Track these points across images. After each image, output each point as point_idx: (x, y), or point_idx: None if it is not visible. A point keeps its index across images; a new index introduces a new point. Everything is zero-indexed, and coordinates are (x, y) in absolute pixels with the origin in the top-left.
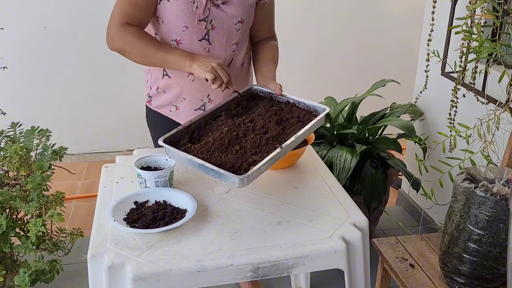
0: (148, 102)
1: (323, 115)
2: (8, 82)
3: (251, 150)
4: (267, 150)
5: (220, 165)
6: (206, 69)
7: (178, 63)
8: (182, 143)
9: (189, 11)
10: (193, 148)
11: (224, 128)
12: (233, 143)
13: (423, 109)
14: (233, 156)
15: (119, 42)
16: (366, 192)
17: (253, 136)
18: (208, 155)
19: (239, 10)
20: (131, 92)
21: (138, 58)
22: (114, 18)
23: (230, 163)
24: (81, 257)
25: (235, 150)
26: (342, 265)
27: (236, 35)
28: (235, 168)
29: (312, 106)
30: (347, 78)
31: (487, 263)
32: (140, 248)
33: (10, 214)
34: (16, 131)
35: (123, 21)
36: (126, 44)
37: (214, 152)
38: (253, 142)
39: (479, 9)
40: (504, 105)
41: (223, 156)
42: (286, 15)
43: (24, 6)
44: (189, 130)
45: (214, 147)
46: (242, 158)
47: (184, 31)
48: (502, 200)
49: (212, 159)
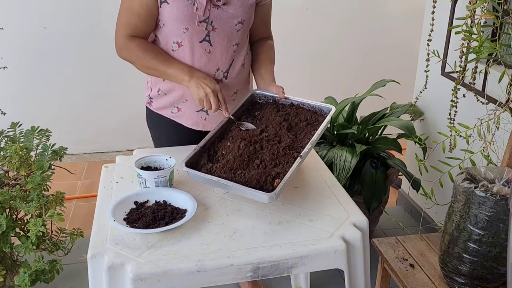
0: (148, 103)
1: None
2: (8, 82)
3: (271, 163)
4: (286, 160)
5: (246, 182)
6: (200, 94)
7: (178, 78)
8: (202, 163)
9: (189, 13)
10: (215, 168)
11: (240, 143)
12: (252, 158)
13: (423, 109)
14: (256, 172)
15: (125, 53)
16: (366, 192)
17: (270, 147)
18: (232, 173)
19: (239, 10)
20: (131, 92)
21: (143, 69)
22: (119, 29)
23: (255, 179)
24: (81, 257)
25: (256, 165)
26: (342, 265)
27: (236, 35)
28: (260, 183)
29: (317, 106)
30: (347, 78)
31: (487, 263)
32: (140, 248)
33: (10, 214)
34: (16, 131)
35: (128, 33)
36: (132, 56)
37: (236, 170)
38: (271, 153)
39: (479, 9)
40: (504, 105)
41: (246, 173)
42: (286, 15)
43: (24, 6)
44: (205, 148)
45: (236, 165)
46: (265, 173)
47: (185, 33)
48: (502, 200)
49: (237, 178)
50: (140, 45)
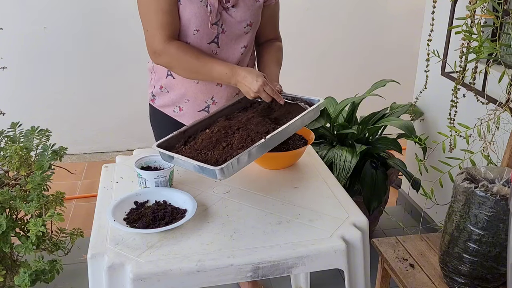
0: (151, 100)
1: (314, 107)
2: (8, 82)
3: (238, 145)
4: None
5: (205, 161)
6: (254, 90)
7: (223, 80)
8: (177, 146)
9: (202, 15)
10: (184, 149)
11: (215, 128)
12: (220, 141)
13: (423, 109)
14: (219, 152)
15: (165, 58)
16: (366, 192)
17: (242, 132)
18: (196, 153)
19: (247, 13)
20: (131, 92)
21: (185, 73)
22: (154, 34)
23: (215, 158)
24: (81, 257)
25: (222, 147)
26: (342, 265)
27: (245, 38)
28: (219, 162)
29: (309, 100)
30: (347, 78)
31: (487, 263)
32: (140, 248)
33: (10, 214)
34: (16, 131)
35: (165, 34)
36: (172, 61)
37: (202, 150)
38: (241, 138)
39: (479, 9)
40: (504, 105)
41: (209, 154)
42: (286, 15)
43: (24, 6)
44: (186, 135)
45: (202, 146)
46: (226, 153)
47: (195, 34)
48: (502, 200)
49: (199, 157)
50: (180, 48)
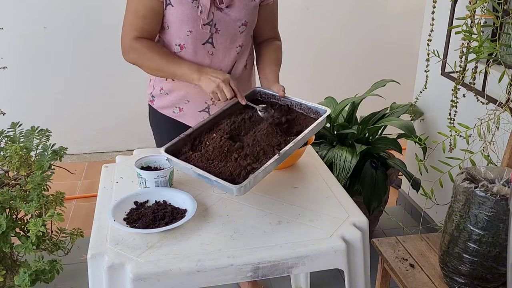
0: (150, 101)
1: (323, 119)
2: (8, 82)
3: (251, 157)
4: (266, 157)
5: (219, 174)
6: (211, 87)
7: (187, 77)
8: (184, 151)
9: (193, 15)
10: (194, 156)
11: (225, 135)
12: (231, 151)
13: (423, 109)
14: (231, 164)
15: (132, 55)
16: (366, 192)
17: (252, 143)
18: (208, 163)
19: (242, 13)
20: (131, 92)
21: (150, 71)
22: (126, 32)
23: (229, 171)
24: (81, 257)
25: (234, 158)
26: (342, 265)
27: (240, 37)
28: (233, 176)
29: (314, 108)
30: (347, 78)
31: (487, 263)
32: (140, 248)
33: (10, 214)
34: (16, 131)
35: (134, 35)
36: (138, 58)
37: (214, 160)
38: (252, 150)
39: (479, 9)
40: (504, 105)
41: (222, 165)
42: (286, 15)
43: (24, 6)
44: (191, 137)
45: (214, 156)
46: (240, 166)
47: (188, 35)
48: (502, 200)
49: (212, 168)
50: (146, 46)
